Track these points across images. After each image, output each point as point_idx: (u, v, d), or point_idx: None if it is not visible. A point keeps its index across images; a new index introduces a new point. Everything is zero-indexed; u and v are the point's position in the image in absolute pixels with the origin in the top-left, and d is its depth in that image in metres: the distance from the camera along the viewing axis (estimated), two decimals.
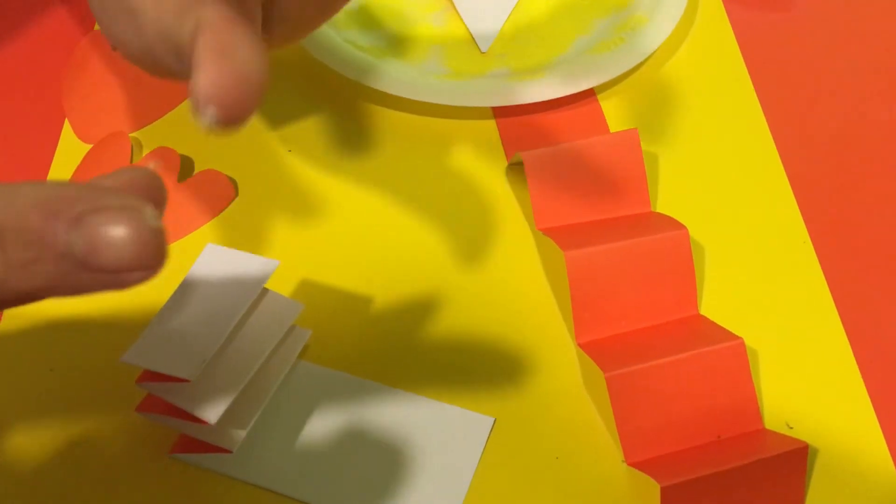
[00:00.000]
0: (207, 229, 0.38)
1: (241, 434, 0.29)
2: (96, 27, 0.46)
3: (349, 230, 0.37)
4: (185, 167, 0.39)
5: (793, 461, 0.29)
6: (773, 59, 0.44)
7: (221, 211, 0.38)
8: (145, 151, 0.40)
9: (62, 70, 0.43)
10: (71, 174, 0.39)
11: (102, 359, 0.34)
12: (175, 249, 0.36)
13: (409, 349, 0.34)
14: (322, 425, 0.32)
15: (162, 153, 0.39)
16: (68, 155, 0.40)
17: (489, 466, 0.31)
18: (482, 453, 0.31)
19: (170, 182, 0.38)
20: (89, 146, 0.40)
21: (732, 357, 0.31)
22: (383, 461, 0.31)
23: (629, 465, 0.30)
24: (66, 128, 0.41)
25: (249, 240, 0.37)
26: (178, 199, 0.38)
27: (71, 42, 0.45)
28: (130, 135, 0.40)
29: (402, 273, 0.36)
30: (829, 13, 0.47)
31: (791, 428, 0.31)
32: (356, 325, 0.35)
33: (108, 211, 0.19)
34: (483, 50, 0.44)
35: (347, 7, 0.43)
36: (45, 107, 0.42)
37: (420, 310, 0.35)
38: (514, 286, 0.35)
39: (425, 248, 0.37)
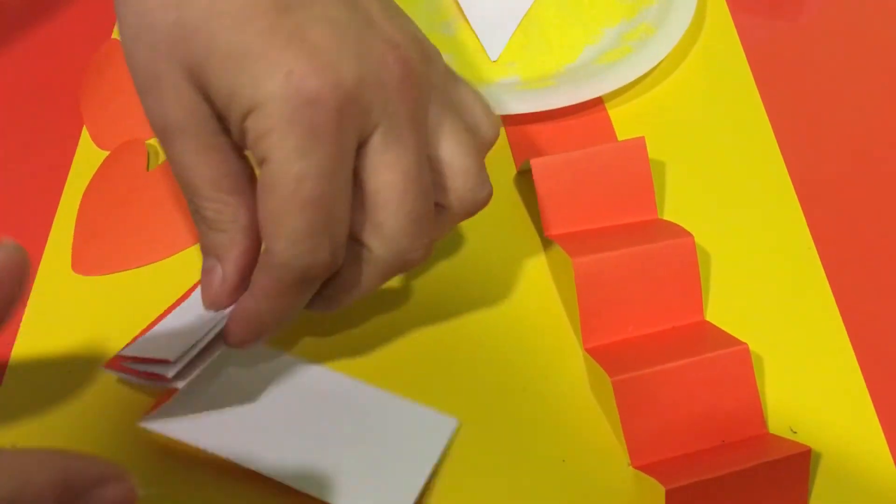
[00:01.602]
0: None
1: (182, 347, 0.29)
2: (114, 35, 0.46)
3: None
4: None
5: (796, 465, 0.29)
6: (780, 67, 0.45)
7: None
8: (161, 158, 0.41)
9: (81, 78, 0.44)
10: (88, 180, 0.40)
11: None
12: (187, 256, 0.37)
13: (417, 353, 0.34)
14: (304, 415, 0.32)
15: None
16: (86, 161, 0.41)
17: (497, 468, 0.31)
18: (443, 454, 0.31)
19: None
20: (106, 153, 0.41)
21: (737, 362, 0.31)
22: (343, 449, 0.31)
23: (635, 467, 0.30)
24: (84, 135, 0.42)
25: None
26: None
27: (89, 50, 0.45)
28: (146, 142, 0.41)
29: (409, 278, 0.36)
30: (836, 22, 0.47)
31: (795, 432, 0.32)
32: (363, 327, 0.35)
33: (108, 481, 0.23)
34: (493, 58, 0.45)
35: None
36: (63, 114, 0.43)
37: (428, 314, 0.35)
38: (523, 291, 0.36)
39: (434, 253, 0.37)
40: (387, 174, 0.27)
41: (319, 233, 0.27)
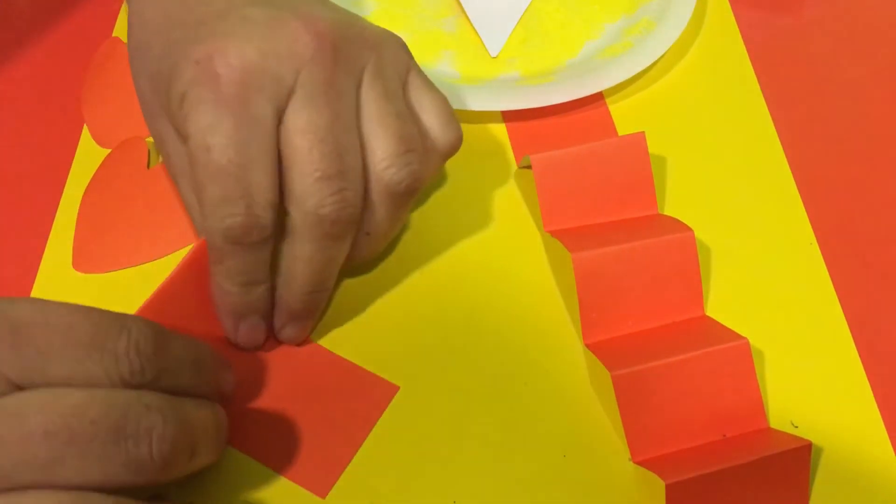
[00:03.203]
0: None
1: None
2: (115, 33, 0.47)
3: None
4: None
5: (796, 459, 0.29)
6: (781, 62, 0.45)
7: None
8: (161, 156, 0.41)
9: (82, 76, 0.44)
10: (89, 178, 0.40)
11: None
12: None
13: (416, 348, 0.34)
14: None
15: None
16: (87, 159, 0.41)
17: (498, 464, 0.31)
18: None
19: None
20: (107, 151, 0.41)
21: (737, 357, 0.31)
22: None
23: (635, 462, 0.30)
24: (85, 133, 0.42)
25: None
26: None
27: (90, 48, 0.46)
28: (147, 139, 0.41)
29: (410, 273, 0.36)
30: (838, 17, 0.47)
31: (796, 427, 0.32)
32: (366, 325, 0.35)
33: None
34: (493, 54, 0.45)
35: (361, 14, 0.44)
36: (64, 112, 0.43)
37: (429, 309, 0.35)
38: (523, 287, 0.36)
39: (434, 248, 0.37)
40: (298, 137, 0.29)
41: (234, 199, 0.28)
